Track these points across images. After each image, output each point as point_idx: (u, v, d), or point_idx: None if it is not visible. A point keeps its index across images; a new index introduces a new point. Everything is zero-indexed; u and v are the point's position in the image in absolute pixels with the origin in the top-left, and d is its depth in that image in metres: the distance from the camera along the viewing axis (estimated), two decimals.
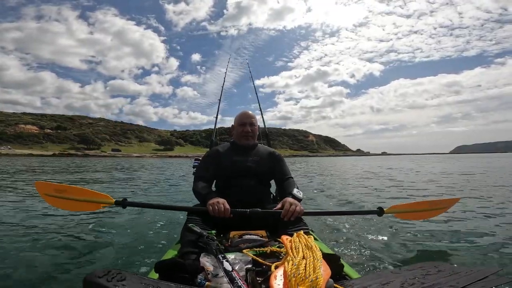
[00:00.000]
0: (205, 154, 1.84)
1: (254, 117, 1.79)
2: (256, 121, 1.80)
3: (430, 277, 0.76)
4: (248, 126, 1.72)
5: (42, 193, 1.65)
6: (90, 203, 1.58)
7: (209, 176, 1.70)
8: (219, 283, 0.84)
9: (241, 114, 1.79)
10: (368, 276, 0.86)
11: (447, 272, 0.78)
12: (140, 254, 2.15)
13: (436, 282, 0.72)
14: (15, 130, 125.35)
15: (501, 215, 3.53)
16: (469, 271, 0.77)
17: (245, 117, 1.75)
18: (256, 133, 1.80)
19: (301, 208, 1.38)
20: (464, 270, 0.79)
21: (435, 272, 0.78)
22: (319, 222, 3.10)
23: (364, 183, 7.86)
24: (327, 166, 20.29)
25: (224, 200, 1.39)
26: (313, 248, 0.84)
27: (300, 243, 0.88)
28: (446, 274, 0.76)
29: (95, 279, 0.69)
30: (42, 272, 1.79)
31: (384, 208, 1.66)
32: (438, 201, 1.82)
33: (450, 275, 0.75)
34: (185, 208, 1.54)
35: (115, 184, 8.05)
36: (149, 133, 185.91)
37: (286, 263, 0.75)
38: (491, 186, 6.53)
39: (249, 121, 1.74)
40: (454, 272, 0.77)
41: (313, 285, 0.67)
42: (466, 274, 0.75)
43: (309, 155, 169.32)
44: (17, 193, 5.45)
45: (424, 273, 0.78)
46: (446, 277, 0.74)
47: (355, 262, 1.98)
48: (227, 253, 0.95)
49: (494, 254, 2.18)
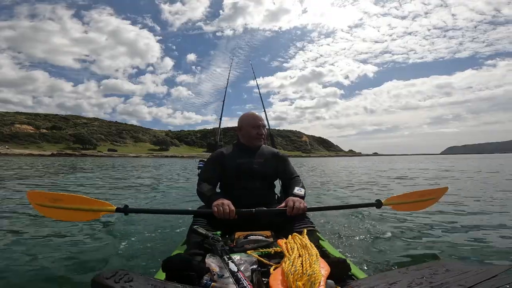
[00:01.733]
0: (209, 156, 1.84)
1: (263, 119, 1.80)
2: (266, 122, 1.84)
3: (438, 276, 0.75)
4: (262, 128, 1.75)
5: (35, 204, 1.47)
6: (88, 212, 1.47)
7: (213, 178, 1.69)
8: (225, 284, 0.84)
9: (253, 116, 1.78)
10: (374, 276, 0.87)
11: (455, 271, 0.76)
12: (147, 255, 2.16)
13: (444, 282, 0.71)
14: (11, 130, 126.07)
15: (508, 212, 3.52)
16: (478, 270, 0.76)
17: (258, 119, 1.76)
18: (267, 135, 1.85)
19: (304, 204, 1.42)
20: (473, 269, 0.77)
21: (443, 272, 0.77)
22: (324, 223, 3.11)
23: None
24: (316, 169, 17.34)
25: (229, 201, 1.39)
26: (308, 246, 0.89)
27: (295, 243, 0.93)
28: (455, 273, 0.75)
29: (103, 280, 0.70)
30: (50, 273, 1.80)
31: (381, 200, 1.66)
32: (428, 191, 1.82)
33: (459, 274, 0.74)
34: (190, 211, 1.56)
35: (124, 189, 7.01)
36: (144, 133, 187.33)
37: (283, 263, 0.81)
38: (493, 185, 6.63)
39: (262, 124, 1.76)
40: (462, 271, 0.76)
41: (311, 279, 0.70)
42: (475, 273, 0.74)
43: (302, 156, 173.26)
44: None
45: (432, 272, 0.77)
46: (455, 276, 0.73)
47: (361, 262, 1.97)
48: (232, 254, 0.96)
49: (505, 251, 2.15)
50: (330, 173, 12.98)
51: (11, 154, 73.85)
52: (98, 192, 6.09)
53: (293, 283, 0.70)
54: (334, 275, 0.84)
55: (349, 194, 5.89)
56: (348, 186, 7.50)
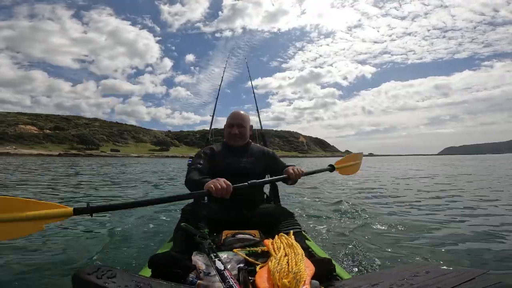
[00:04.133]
0: (199, 150, 1.80)
1: (244, 117, 1.74)
2: (246, 122, 1.76)
3: (418, 278, 0.77)
4: (236, 128, 1.69)
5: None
6: (27, 222, 0.96)
7: (203, 169, 1.60)
8: (211, 282, 0.84)
9: (230, 115, 1.75)
10: (358, 277, 0.91)
11: (434, 273, 0.79)
12: (132, 252, 2.12)
13: (424, 284, 0.73)
14: (15, 131, 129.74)
15: (487, 216, 3.66)
16: (456, 272, 0.78)
17: (233, 118, 1.72)
18: (246, 134, 1.77)
19: (302, 170, 1.50)
20: (451, 271, 0.80)
21: (423, 274, 0.79)
22: (311, 224, 3.20)
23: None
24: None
25: (224, 178, 1.25)
26: (294, 245, 0.91)
27: (282, 243, 0.95)
28: (434, 275, 0.78)
29: (85, 276, 0.67)
30: (30, 270, 1.76)
31: (333, 165, 1.80)
32: (353, 155, 2.03)
33: (438, 277, 0.76)
34: (177, 197, 1.21)
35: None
36: (144, 133, 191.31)
37: (270, 261, 0.82)
38: (480, 189, 6.75)
39: (237, 123, 1.70)
40: (441, 273, 0.78)
41: (296, 277, 0.71)
42: (453, 275, 0.76)
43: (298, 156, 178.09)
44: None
45: (412, 274, 0.80)
46: (434, 279, 0.75)
47: (346, 263, 2.01)
48: (219, 252, 0.96)
49: (482, 254, 2.21)
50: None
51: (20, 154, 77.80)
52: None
53: (278, 281, 0.71)
54: (319, 275, 0.85)
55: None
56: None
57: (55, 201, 1.33)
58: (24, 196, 1.48)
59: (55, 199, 5.15)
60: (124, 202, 1.12)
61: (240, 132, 1.71)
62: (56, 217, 1.01)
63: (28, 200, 1.01)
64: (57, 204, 1.04)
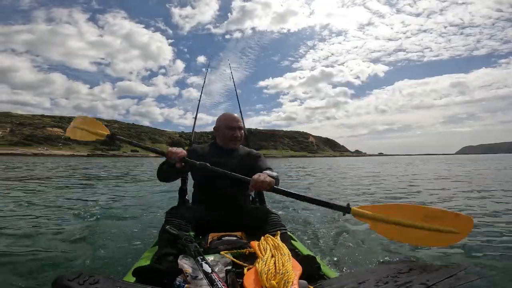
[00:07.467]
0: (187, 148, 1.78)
1: (241, 120, 1.74)
2: (242, 124, 1.77)
3: (402, 275, 0.79)
4: (237, 131, 1.69)
5: (73, 126, 1.71)
6: (94, 134, 1.61)
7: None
8: (199, 285, 0.84)
9: (229, 118, 1.71)
10: (345, 275, 0.91)
11: (418, 270, 0.81)
12: (116, 256, 2.06)
13: (408, 280, 0.75)
14: (43, 133, 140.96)
15: (472, 209, 3.67)
16: (438, 269, 0.80)
17: (235, 120, 1.70)
18: (243, 137, 1.78)
19: (271, 180, 1.26)
20: (434, 267, 0.81)
21: (407, 270, 0.81)
22: (297, 223, 3.17)
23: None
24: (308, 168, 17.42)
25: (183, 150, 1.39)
26: (280, 246, 0.92)
27: (268, 244, 0.95)
28: (417, 272, 0.79)
29: (65, 282, 0.65)
30: (7, 277, 1.69)
31: (351, 206, 1.15)
32: (442, 212, 1.00)
33: (421, 273, 0.78)
34: (148, 148, 1.60)
35: None
36: (160, 135, 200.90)
37: (257, 263, 0.82)
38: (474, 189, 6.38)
39: (238, 125, 1.69)
40: (424, 270, 0.80)
41: (284, 278, 0.72)
42: (436, 271, 0.78)
43: (307, 156, 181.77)
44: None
45: (396, 271, 0.81)
46: (418, 275, 0.77)
47: (333, 262, 2.01)
48: (206, 255, 0.95)
49: (463, 250, 2.25)
50: (311, 171, 14.12)
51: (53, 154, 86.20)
52: None
53: (267, 282, 0.71)
54: (306, 273, 0.86)
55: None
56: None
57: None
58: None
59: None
60: (135, 142, 1.55)
61: (240, 135, 1.71)
62: (100, 136, 1.60)
63: (94, 120, 1.67)
64: (105, 127, 1.64)
